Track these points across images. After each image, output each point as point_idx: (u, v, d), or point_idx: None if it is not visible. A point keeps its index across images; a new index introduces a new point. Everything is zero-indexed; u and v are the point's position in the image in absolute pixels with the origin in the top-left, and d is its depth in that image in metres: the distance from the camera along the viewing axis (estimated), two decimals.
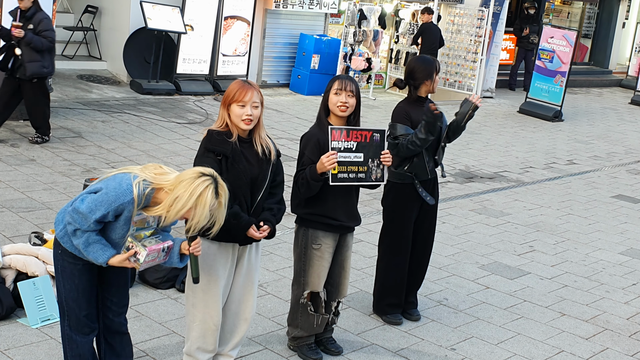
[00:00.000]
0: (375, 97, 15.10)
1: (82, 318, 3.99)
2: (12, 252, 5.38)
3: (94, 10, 13.40)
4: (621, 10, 23.15)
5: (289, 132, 11.26)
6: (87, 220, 3.72)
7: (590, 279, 7.15)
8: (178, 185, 3.69)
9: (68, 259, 3.91)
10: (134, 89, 12.45)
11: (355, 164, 4.79)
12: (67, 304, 3.98)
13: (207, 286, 4.32)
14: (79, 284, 3.94)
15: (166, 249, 3.91)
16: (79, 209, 3.73)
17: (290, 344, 5.18)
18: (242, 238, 4.32)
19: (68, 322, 4.02)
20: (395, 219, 5.67)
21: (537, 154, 12.26)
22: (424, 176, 5.57)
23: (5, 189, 7.43)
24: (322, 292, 4.96)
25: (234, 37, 13.43)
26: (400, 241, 5.68)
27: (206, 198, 3.67)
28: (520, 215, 8.90)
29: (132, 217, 3.78)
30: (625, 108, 18.35)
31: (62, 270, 3.95)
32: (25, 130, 9.37)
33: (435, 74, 5.55)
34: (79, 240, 3.76)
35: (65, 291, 3.96)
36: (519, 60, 18.35)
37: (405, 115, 5.50)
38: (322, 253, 4.89)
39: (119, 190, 3.70)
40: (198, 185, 3.67)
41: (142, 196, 3.72)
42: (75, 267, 3.91)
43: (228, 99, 4.23)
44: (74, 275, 3.92)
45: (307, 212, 4.87)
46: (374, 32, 14.57)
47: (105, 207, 3.70)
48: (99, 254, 3.78)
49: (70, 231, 3.78)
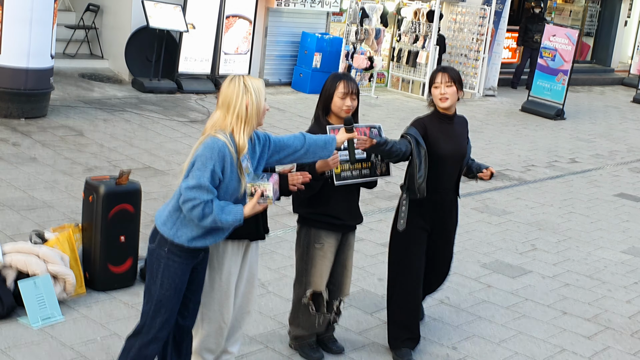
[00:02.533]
0: (377, 95, 15.08)
1: (167, 321, 3.97)
2: (13, 251, 5.37)
3: (96, 9, 13.38)
4: (623, 8, 23.12)
5: (291, 131, 11.24)
6: (202, 186, 3.75)
7: (592, 277, 7.14)
8: (222, 102, 3.89)
9: (175, 257, 3.91)
10: (136, 88, 12.45)
11: (357, 161, 4.77)
12: (160, 304, 3.94)
13: (220, 285, 4.33)
14: (179, 284, 3.95)
15: (276, 181, 4.02)
16: (189, 185, 3.77)
17: (292, 343, 5.17)
18: (254, 233, 4.34)
19: (152, 321, 3.95)
20: (400, 241, 5.21)
21: (539, 153, 12.25)
22: (412, 194, 5.04)
23: (7, 187, 7.43)
24: (325, 291, 4.95)
25: (235, 36, 13.42)
26: (407, 262, 5.18)
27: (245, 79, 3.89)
28: (522, 213, 8.89)
29: (237, 164, 3.84)
30: (627, 106, 18.33)
31: (165, 268, 3.92)
32: (27, 129, 9.37)
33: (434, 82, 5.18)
34: (212, 212, 3.76)
35: (163, 290, 3.93)
36: (525, 60, 18.32)
37: (421, 124, 5.11)
38: (324, 252, 4.88)
39: (209, 145, 3.80)
40: (232, 82, 3.90)
41: (228, 140, 3.82)
42: (180, 265, 3.92)
43: None
44: (177, 274, 3.93)
45: (309, 212, 4.86)
46: (376, 31, 14.56)
47: (209, 164, 3.77)
48: (234, 211, 3.81)
49: (198, 214, 3.76)
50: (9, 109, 9.65)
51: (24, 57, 9.49)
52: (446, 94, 5.00)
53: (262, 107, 3.95)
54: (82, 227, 5.70)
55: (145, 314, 4.00)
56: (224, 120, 3.89)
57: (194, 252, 3.97)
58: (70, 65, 12.98)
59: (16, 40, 9.42)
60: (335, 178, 4.69)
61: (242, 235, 4.31)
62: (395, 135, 5.30)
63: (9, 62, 9.47)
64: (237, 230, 4.21)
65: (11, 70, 9.50)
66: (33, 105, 9.81)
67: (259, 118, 3.96)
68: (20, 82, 9.56)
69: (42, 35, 9.60)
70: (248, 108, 3.87)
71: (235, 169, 3.86)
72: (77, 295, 5.48)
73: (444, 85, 5.02)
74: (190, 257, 3.97)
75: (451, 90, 5.02)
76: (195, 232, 3.91)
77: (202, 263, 4.13)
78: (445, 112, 5.11)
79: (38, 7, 9.44)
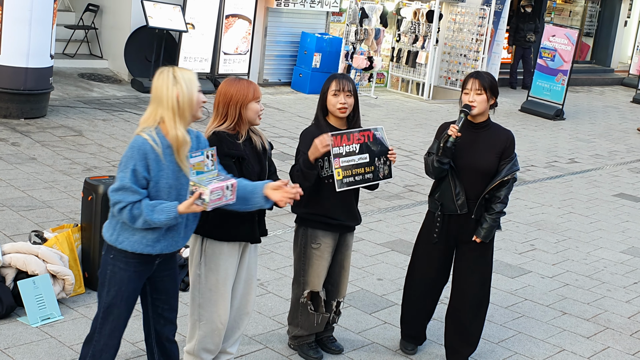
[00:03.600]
0: (377, 95, 15.08)
1: (116, 327, 3.88)
2: (12, 251, 5.37)
3: (95, 9, 13.39)
4: (623, 8, 23.13)
5: (290, 131, 11.24)
6: (125, 187, 3.63)
7: (591, 277, 7.14)
8: (153, 96, 3.76)
9: (120, 264, 3.80)
10: (135, 88, 12.45)
11: (360, 165, 4.74)
12: (107, 311, 3.86)
13: (216, 286, 4.31)
14: (125, 292, 3.84)
15: (230, 186, 3.78)
16: (114, 188, 3.66)
17: (291, 343, 5.17)
18: (249, 236, 4.32)
19: (101, 329, 3.88)
20: (417, 249, 5.22)
21: (539, 153, 12.25)
22: (451, 209, 4.93)
23: (6, 187, 7.43)
24: (322, 291, 4.95)
25: (235, 36, 13.42)
26: (419, 271, 5.17)
27: (175, 70, 3.75)
28: (521, 213, 8.89)
29: (177, 159, 3.71)
30: (627, 106, 18.34)
31: (111, 275, 3.83)
32: (26, 128, 9.37)
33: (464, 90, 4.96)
34: (141, 213, 3.63)
35: (109, 298, 3.84)
36: (517, 59, 18.37)
37: (443, 130, 4.94)
38: (321, 252, 4.87)
39: (130, 145, 3.69)
40: (161, 74, 3.78)
41: (154, 137, 3.69)
42: (125, 273, 3.81)
43: (246, 98, 4.21)
44: (123, 282, 3.82)
45: (306, 212, 4.86)
46: (375, 31, 14.56)
47: (130, 164, 3.64)
48: (166, 209, 3.65)
49: (127, 216, 3.64)
50: (8, 108, 9.65)
51: (23, 57, 9.49)
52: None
53: (194, 98, 3.78)
54: (81, 227, 5.69)
55: (95, 320, 3.92)
56: (154, 115, 3.74)
57: (143, 258, 3.82)
58: (69, 65, 12.99)
59: (16, 40, 9.42)
60: (337, 185, 4.65)
61: (237, 238, 4.30)
62: (395, 135, 5.31)
63: (8, 61, 9.47)
64: (231, 232, 4.19)
65: (11, 70, 9.50)
66: (32, 105, 9.81)
67: (192, 110, 3.78)
68: (19, 82, 9.56)
69: (42, 35, 9.60)
70: (179, 99, 3.73)
71: (165, 165, 3.71)
72: (76, 295, 5.48)
73: (474, 93, 4.82)
74: (140, 265, 3.83)
75: (480, 98, 4.81)
76: (137, 237, 3.76)
77: (166, 270, 3.99)
78: (471, 120, 4.92)
79: (38, 7, 9.44)
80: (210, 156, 3.81)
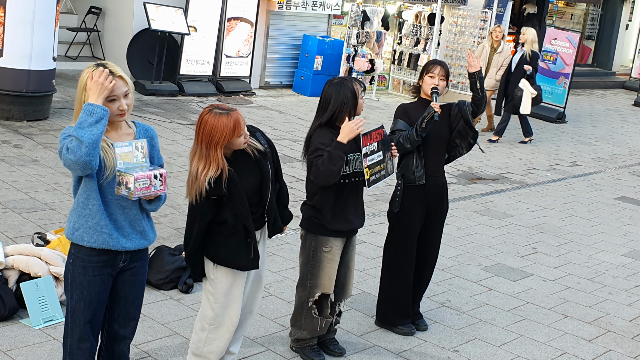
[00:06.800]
0: (378, 98, 15.09)
1: (84, 331, 3.89)
2: (15, 253, 5.38)
3: (98, 12, 13.42)
4: (624, 11, 23.13)
5: (292, 134, 11.25)
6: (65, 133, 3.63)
7: (593, 280, 7.14)
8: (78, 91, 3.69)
9: (79, 269, 3.82)
10: (137, 90, 12.45)
11: (379, 163, 4.89)
12: (73, 315, 3.89)
13: (230, 289, 4.32)
14: (87, 296, 3.84)
15: (159, 176, 3.69)
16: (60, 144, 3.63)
17: (293, 345, 5.18)
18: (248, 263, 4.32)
19: (71, 333, 3.92)
20: (396, 225, 5.56)
21: (541, 156, 12.25)
22: (410, 180, 5.41)
23: (9, 189, 7.44)
24: (332, 293, 4.98)
25: (237, 39, 13.44)
26: (404, 248, 5.52)
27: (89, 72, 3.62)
28: (523, 216, 8.89)
29: None
30: (628, 110, 18.33)
31: (72, 280, 3.85)
32: (29, 131, 9.38)
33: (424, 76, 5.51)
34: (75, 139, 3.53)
35: (73, 302, 3.87)
36: None
37: (404, 112, 5.48)
38: (332, 255, 4.89)
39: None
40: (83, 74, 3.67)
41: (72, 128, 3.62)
42: (84, 277, 3.82)
43: (228, 136, 4.02)
44: (83, 286, 3.83)
45: (314, 217, 4.86)
46: (377, 34, 14.58)
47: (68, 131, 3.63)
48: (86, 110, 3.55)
49: (74, 146, 3.53)
50: (10, 111, 9.67)
51: (26, 59, 9.51)
52: (438, 85, 5.36)
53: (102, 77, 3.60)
54: None
55: (65, 325, 3.95)
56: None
57: (100, 258, 3.80)
58: (72, 67, 13.02)
59: (18, 43, 9.45)
60: (367, 183, 4.80)
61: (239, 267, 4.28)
62: None
63: (11, 64, 9.50)
64: (231, 260, 4.23)
65: (13, 73, 9.53)
66: (35, 107, 9.83)
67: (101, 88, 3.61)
68: (22, 85, 9.58)
69: (44, 38, 9.62)
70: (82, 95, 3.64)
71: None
72: None
73: (439, 78, 5.38)
74: (99, 267, 3.81)
75: (443, 84, 5.41)
76: (91, 224, 3.72)
77: (129, 276, 3.95)
78: (429, 99, 5.40)
79: (40, 10, 9.46)
80: (140, 148, 3.75)
